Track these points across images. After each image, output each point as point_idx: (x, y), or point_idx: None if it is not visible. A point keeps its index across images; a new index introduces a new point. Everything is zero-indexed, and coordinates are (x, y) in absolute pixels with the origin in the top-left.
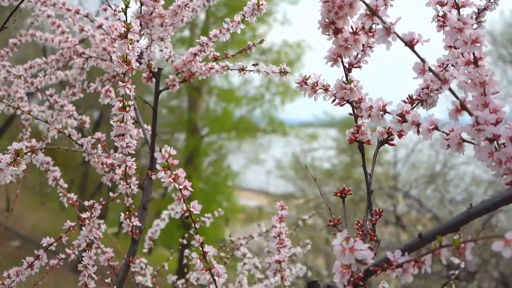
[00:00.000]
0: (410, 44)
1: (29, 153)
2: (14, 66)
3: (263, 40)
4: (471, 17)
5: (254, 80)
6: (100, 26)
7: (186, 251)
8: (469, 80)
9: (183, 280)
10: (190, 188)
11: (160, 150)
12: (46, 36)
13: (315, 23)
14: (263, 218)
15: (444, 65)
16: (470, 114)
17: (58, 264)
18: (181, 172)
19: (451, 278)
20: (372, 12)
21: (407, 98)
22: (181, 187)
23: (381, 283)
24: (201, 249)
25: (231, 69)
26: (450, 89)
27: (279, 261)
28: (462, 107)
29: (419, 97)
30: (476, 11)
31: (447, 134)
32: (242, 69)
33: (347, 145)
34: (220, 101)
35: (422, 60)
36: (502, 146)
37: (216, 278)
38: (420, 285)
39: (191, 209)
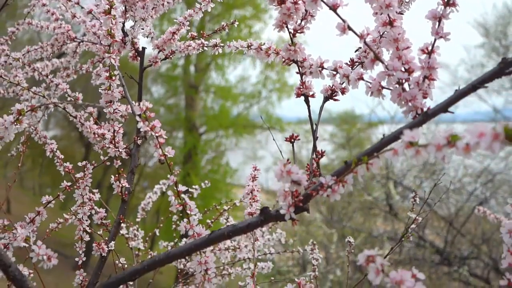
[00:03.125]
0: (333, 7)
1: (29, 112)
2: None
3: (235, 21)
4: None
5: (251, 77)
6: (90, 12)
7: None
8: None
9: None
10: (164, 136)
11: (139, 104)
12: (41, 23)
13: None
14: None
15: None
16: (382, 62)
17: (57, 227)
18: (157, 123)
19: (409, 232)
20: None
21: (349, 60)
22: (157, 134)
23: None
24: (175, 188)
25: (206, 46)
26: (365, 43)
27: (251, 214)
28: (376, 57)
29: (359, 60)
30: None
31: (370, 83)
32: (215, 45)
33: (344, 139)
34: (217, 99)
35: (343, 20)
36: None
37: (188, 212)
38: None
39: (166, 153)
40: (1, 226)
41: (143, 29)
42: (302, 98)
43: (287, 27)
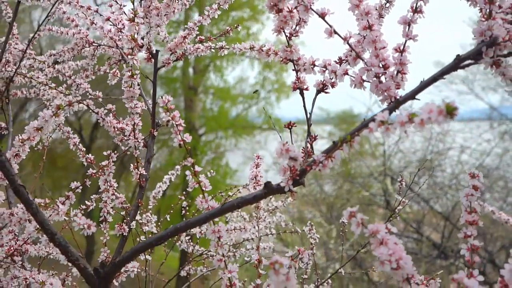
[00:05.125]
0: (322, 15)
1: (67, 106)
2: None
3: (238, 25)
4: None
5: (250, 78)
6: (108, 19)
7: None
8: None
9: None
10: (183, 124)
11: (162, 97)
12: (61, 29)
13: (308, 21)
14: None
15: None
16: (362, 60)
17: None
18: (177, 113)
19: (396, 213)
20: None
21: (338, 59)
22: (177, 123)
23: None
24: (193, 169)
25: (213, 49)
26: (348, 44)
27: None
28: (357, 56)
29: (346, 58)
30: None
31: (354, 77)
32: (221, 48)
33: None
34: (216, 100)
35: (330, 26)
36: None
37: (203, 189)
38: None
39: (184, 139)
40: (43, 204)
41: (158, 34)
42: (300, 99)
43: (284, 31)
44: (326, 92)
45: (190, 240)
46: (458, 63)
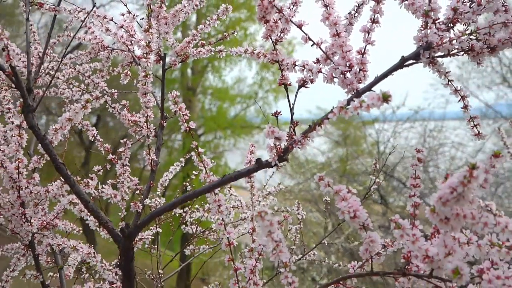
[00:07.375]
0: (299, 26)
1: (94, 100)
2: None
3: (234, 31)
4: (353, 9)
5: (247, 78)
6: (121, 26)
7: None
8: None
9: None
10: (188, 114)
11: (170, 92)
12: (79, 35)
13: (306, 21)
14: None
15: None
16: (331, 60)
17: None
18: (183, 105)
19: (370, 194)
20: (278, 10)
21: (316, 59)
22: (183, 113)
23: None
24: (196, 150)
25: (213, 52)
26: (320, 48)
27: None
28: (327, 57)
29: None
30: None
31: (326, 74)
32: (220, 51)
33: (340, 137)
34: (214, 100)
35: (306, 34)
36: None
37: (206, 166)
38: None
39: (190, 126)
40: (78, 179)
41: (167, 40)
42: (299, 99)
43: (271, 38)
44: (306, 87)
45: (194, 222)
46: (403, 62)
